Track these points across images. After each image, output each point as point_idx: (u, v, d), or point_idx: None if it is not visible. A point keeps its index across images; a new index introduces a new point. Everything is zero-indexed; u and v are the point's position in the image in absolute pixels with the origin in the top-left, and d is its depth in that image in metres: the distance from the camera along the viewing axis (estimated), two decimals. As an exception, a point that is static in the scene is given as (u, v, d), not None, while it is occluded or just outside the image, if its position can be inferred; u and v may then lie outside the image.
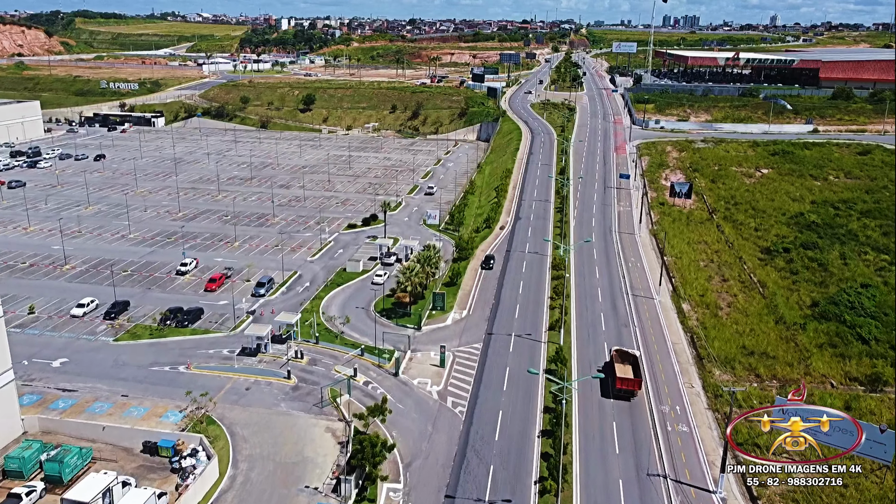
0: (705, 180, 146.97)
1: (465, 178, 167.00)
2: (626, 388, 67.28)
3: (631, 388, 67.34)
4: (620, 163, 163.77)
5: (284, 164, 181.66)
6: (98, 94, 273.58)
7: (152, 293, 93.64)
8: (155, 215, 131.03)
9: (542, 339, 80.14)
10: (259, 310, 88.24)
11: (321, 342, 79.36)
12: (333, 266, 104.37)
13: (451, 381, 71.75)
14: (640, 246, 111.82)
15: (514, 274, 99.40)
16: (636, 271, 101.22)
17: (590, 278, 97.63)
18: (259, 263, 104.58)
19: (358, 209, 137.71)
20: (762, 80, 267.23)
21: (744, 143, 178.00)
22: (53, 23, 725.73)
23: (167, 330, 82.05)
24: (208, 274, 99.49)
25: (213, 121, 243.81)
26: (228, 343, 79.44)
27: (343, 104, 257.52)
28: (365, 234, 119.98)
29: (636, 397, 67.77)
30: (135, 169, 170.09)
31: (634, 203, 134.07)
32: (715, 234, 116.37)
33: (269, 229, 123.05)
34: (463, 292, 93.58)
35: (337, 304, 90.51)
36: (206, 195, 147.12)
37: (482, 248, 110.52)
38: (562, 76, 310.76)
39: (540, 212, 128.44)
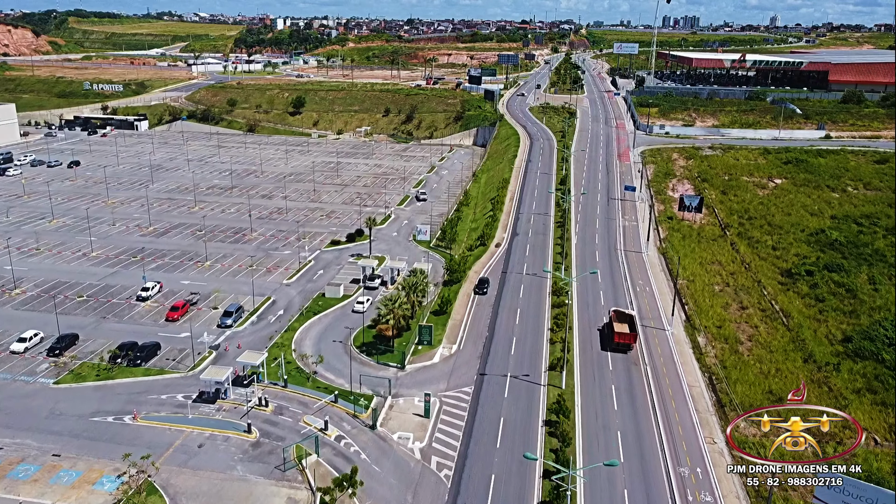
0: (715, 191, 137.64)
1: (460, 187, 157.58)
2: (624, 341, 76.16)
3: (627, 341, 76.12)
4: (624, 171, 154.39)
5: (269, 171, 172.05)
6: (81, 96, 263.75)
7: (106, 324, 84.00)
8: (123, 230, 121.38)
9: (542, 382, 70.63)
10: (224, 344, 78.72)
11: (290, 385, 69.87)
12: (312, 290, 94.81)
13: (437, 436, 62.24)
14: (648, 266, 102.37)
15: (510, 300, 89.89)
16: (645, 297, 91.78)
17: (594, 306, 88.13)
18: (229, 287, 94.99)
19: (343, 223, 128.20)
20: (769, 82, 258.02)
21: (754, 150, 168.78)
22: (46, 22, 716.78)
23: (117, 370, 72.50)
24: (172, 300, 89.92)
25: (199, 124, 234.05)
26: (185, 386, 69.91)
27: (335, 107, 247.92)
28: (349, 252, 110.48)
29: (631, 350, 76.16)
30: (110, 177, 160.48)
31: (640, 217, 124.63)
32: (729, 254, 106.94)
33: (246, 246, 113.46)
34: (453, 323, 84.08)
35: (312, 337, 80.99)
36: (181, 206, 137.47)
37: (476, 268, 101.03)
38: (562, 78, 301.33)
39: (539, 227, 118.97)
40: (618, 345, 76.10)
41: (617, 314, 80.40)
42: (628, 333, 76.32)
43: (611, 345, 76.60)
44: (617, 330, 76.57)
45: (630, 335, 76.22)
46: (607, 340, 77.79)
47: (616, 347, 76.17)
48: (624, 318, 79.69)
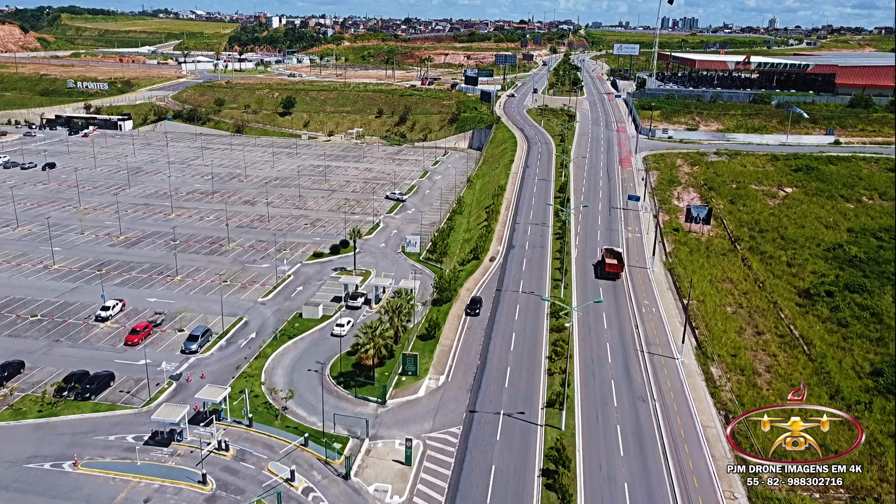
0: (723, 201, 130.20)
1: (454, 193, 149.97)
2: (613, 270, 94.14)
3: (616, 270, 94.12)
4: (626, 178, 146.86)
5: (254, 175, 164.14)
6: (64, 95, 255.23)
7: (59, 348, 76.16)
8: (92, 239, 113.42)
9: (539, 421, 63.00)
10: (186, 373, 70.94)
11: (256, 424, 62.15)
12: (288, 309, 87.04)
13: (419, 488, 54.59)
14: (653, 284, 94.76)
15: (505, 323, 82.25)
16: (652, 319, 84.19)
17: (596, 330, 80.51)
18: (198, 306, 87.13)
19: (329, 232, 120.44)
20: (774, 85, 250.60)
21: (761, 156, 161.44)
22: (39, 19, 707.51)
23: (62, 404, 64.69)
24: (134, 321, 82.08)
25: (185, 125, 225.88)
26: (137, 424, 62.12)
27: (326, 107, 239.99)
28: (332, 266, 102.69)
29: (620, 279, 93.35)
30: (85, 180, 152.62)
31: (644, 228, 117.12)
32: (741, 270, 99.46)
33: (221, 259, 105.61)
34: (442, 349, 76.39)
35: (284, 365, 73.24)
36: (157, 213, 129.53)
37: (468, 285, 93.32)
38: (560, 79, 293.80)
39: (536, 239, 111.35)
40: (608, 273, 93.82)
41: (608, 252, 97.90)
42: (616, 264, 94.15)
43: (602, 274, 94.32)
44: (608, 262, 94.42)
45: (618, 265, 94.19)
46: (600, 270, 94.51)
47: (606, 276, 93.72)
48: (613, 254, 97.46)
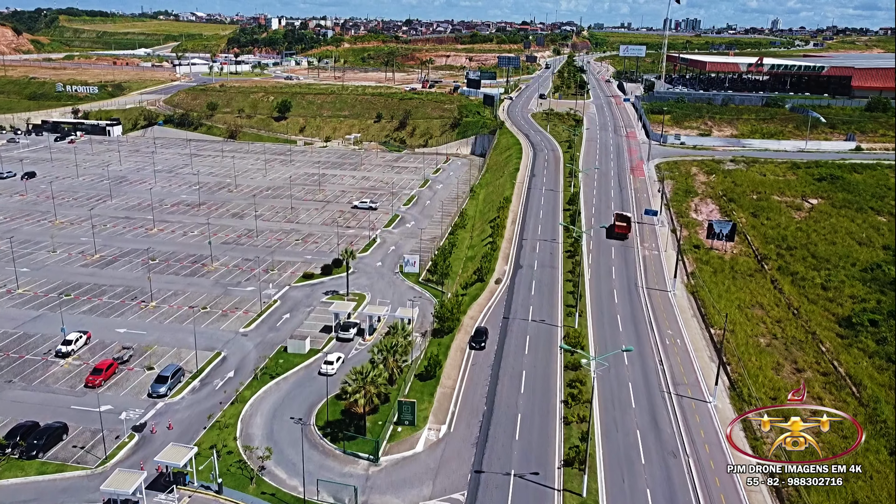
0: (745, 213, 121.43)
1: (456, 204, 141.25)
2: (621, 231, 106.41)
3: (624, 231, 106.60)
4: (639, 188, 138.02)
5: (245, 184, 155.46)
6: (53, 98, 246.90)
7: (10, 391, 67.46)
8: (64, 258, 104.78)
9: (556, 485, 54.23)
10: (151, 423, 62.18)
11: (226, 489, 53.42)
12: (272, 342, 78.30)
13: (416, 575, 45.90)
14: (676, 310, 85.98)
15: (513, 358, 73.47)
16: (677, 353, 75.40)
17: (616, 367, 71.65)
18: (173, 338, 78.38)
19: (321, 249, 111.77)
20: (788, 88, 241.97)
21: (781, 164, 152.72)
22: (36, 20, 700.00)
23: (4, 465, 55.98)
24: (98, 356, 73.39)
25: (176, 130, 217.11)
26: (89, 490, 53.42)
27: (323, 112, 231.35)
28: (323, 289, 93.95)
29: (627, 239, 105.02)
30: (65, 191, 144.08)
31: (662, 244, 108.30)
32: (771, 294, 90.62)
33: (203, 281, 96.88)
34: (443, 391, 67.59)
35: (264, 411, 64.48)
36: (138, 228, 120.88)
37: (472, 313, 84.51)
38: (565, 82, 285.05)
39: (546, 257, 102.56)
40: (616, 234, 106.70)
41: (617, 216, 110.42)
42: (624, 226, 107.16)
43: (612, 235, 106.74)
44: (617, 224, 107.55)
45: (626, 227, 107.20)
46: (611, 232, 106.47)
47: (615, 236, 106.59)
48: (622, 217, 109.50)
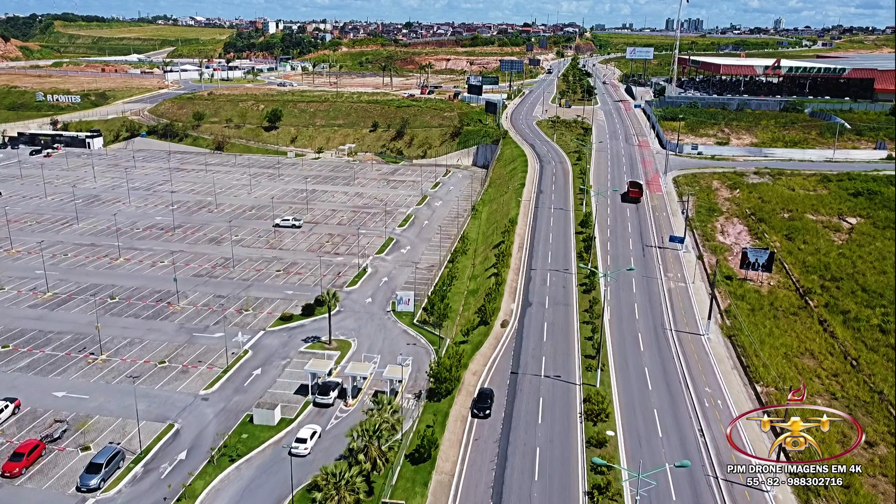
0: (778, 236, 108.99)
1: (456, 224, 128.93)
2: (633, 195, 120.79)
3: (636, 195, 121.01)
4: (657, 205, 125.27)
5: (227, 203, 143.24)
6: (33, 109, 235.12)
7: None
8: (12, 296, 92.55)
9: None
10: (74, 531, 49.97)
11: None
12: (238, 407, 65.96)
13: None
14: (713, 360, 73.50)
15: (524, 432, 60.89)
16: (718, 416, 62.91)
17: (648, 438, 59.21)
18: (119, 404, 65.99)
19: (304, 282, 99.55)
20: (806, 91, 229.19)
21: (809, 176, 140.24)
22: (31, 27, 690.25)
23: None
24: (25, 431, 61.07)
25: (159, 141, 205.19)
26: None
27: (316, 120, 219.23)
28: (303, 335, 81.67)
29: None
30: (30, 213, 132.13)
31: (689, 275, 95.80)
32: (822, 339, 78.04)
33: (166, 324, 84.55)
34: (439, 481, 55.10)
35: (218, 511, 52.21)
36: (102, 257, 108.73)
37: (474, 367, 72.08)
38: (571, 87, 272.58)
39: (558, 292, 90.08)
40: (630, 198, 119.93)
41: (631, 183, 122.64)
42: (636, 191, 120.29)
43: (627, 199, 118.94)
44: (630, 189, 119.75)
45: (638, 192, 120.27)
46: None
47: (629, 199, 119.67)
48: (635, 184, 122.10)
